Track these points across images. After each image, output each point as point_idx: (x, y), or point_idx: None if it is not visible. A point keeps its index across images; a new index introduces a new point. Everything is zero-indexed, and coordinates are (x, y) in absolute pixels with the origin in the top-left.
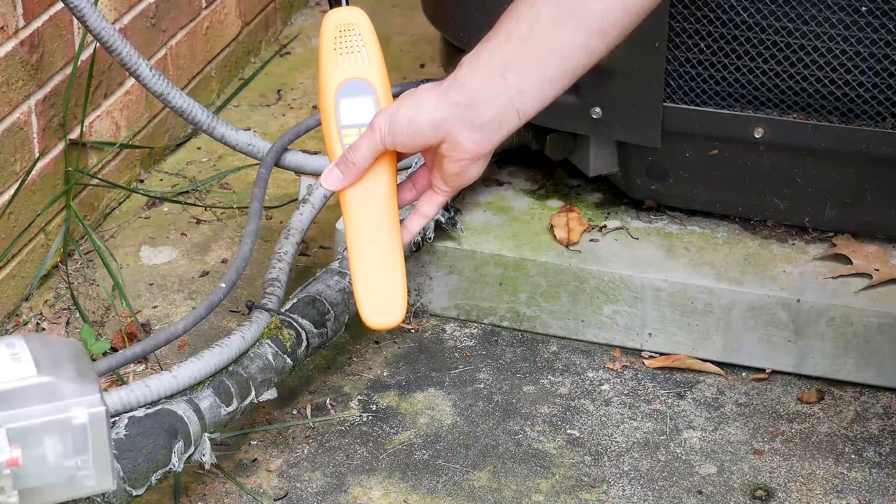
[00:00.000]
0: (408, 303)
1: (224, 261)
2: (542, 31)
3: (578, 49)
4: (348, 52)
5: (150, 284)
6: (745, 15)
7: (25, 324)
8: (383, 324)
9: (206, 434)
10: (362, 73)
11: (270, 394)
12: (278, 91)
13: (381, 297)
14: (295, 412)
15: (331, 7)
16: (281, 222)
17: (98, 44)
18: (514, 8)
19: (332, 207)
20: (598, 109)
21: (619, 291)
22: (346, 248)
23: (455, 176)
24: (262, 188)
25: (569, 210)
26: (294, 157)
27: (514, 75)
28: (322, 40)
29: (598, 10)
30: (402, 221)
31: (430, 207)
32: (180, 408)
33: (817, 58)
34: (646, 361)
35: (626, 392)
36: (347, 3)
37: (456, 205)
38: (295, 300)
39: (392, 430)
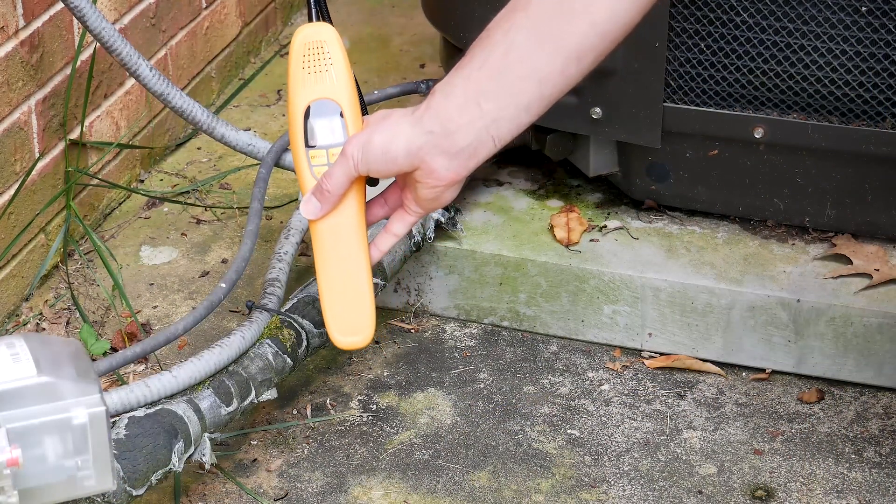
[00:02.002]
0: (376, 323)
1: (224, 261)
2: (518, 58)
3: (555, 75)
4: (317, 70)
5: (150, 284)
6: (745, 15)
7: (25, 324)
8: (352, 344)
9: (206, 434)
10: (330, 93)
11: (270, 394)
12: (278, 91)
13: (349, 318)
14: (295, 412)
15: (309, 20)
16: (281, 222)
17: (98, 44)
18: (487, 35)
19: None
20: (598, 109)
21: (619, 291)
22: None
23: (429, 200)
24: (262, 188)
25: (569, 210)
26: None
27: (490, 102)
28: (291, 58)
29: (575, 36)
30: (371, 241)
31: (400, 226)
32: (180, 408)
33: (817, 58)
34: (646, 361)
35: (626, 392)
36: (321, 19)
37: (456, 205)
38: (295, 300)
39: (392, 430)
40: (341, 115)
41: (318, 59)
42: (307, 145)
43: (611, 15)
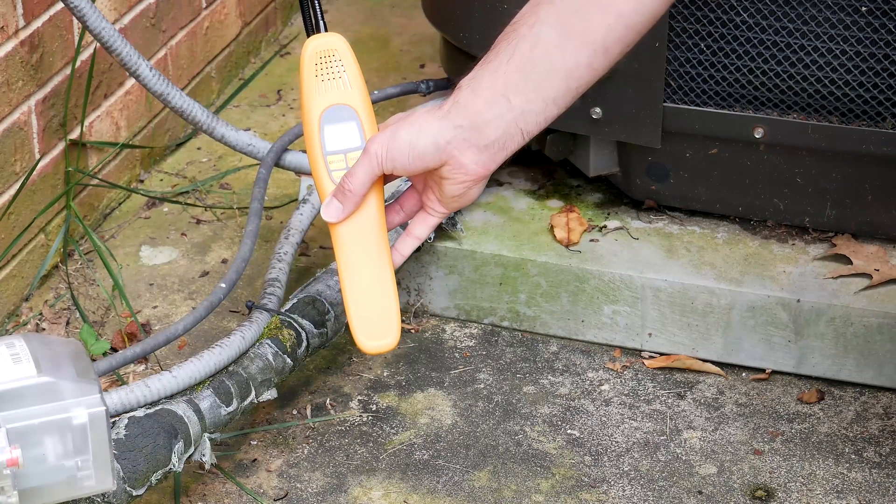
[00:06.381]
0: (401, 326)
1: (224, 261)
2: (545, 52)
3: (582, 68)
4: (330, 78)
5: (150, 284)
6: (745, 15)
7: (25, 324)
8: (378, 348)
9: (206, 434)
10: (345, 98)
11: (270, 394)
12: (278, 91)
13: (374, 322)
14: (295, 412)
15: (308, 34)
16: (281, 222)
17: (98, 44)
18: (513, 28)
19: None
20: (598, 109)
21: (619, 291)
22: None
23: (455, 198)
24: (262, 188)
25: (569, 210)
26: (294, 157)
27: (518, 96)
28: (303, 67)
29: (601, 28)
30: (392, 245)
31: (423, 229)
32: (180, 408)
33: (817, 58)
34: (646, 361)
35: (626, 392)
36: (326, 29)
37: None
38: (295, 300)
39: (392, 431)
40: (357, 119)
41: (331, 67)
42: (324, 151)
43: (636, 6)
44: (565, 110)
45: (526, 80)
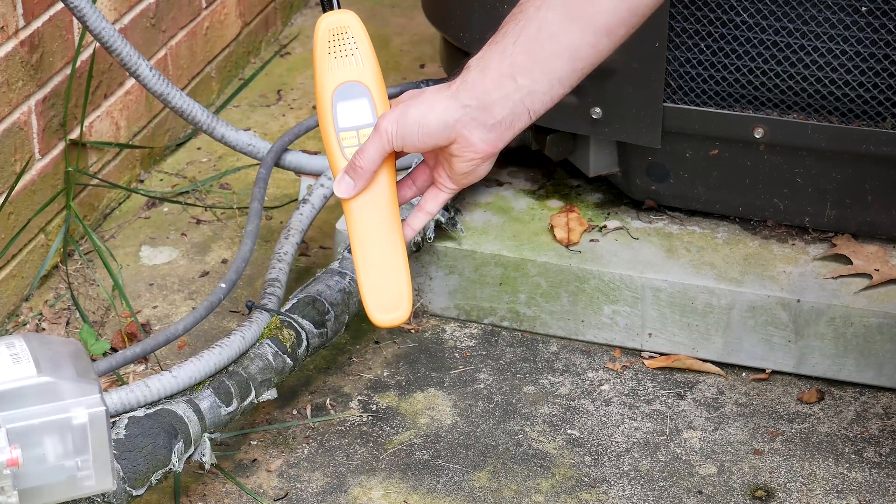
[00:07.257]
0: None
1: (224, 261)
2: (551, 33)
3: (587, 49)
4: (343, 55)
5: (150, 284)
6: (745, 15)
7: (25, 324)
8: (390, 321)
9: (206, 434)
10: (357, 75)
11: (270, 394)
12: (278, 91)
13: (386, 295)
14: (295, 412)
15: (323, 10)
16: (281, 222)
17: (98, 44)
18: (520, 10)
19: (331, 207)
20: (598, 109)
21: (619, 291)
22: (346, 248)
23: (464, 175)
24: (262, 188)
25: (569, 210)
26: (294, 157)
27: (524, 76)
28: (316, 45)
29: (606, 11)
30: (404, 219)
31: (433, 204)
32: (180, 408)
33: (817, 58)
34: (646, 362)
35: (626, 392)
36: (340, 6)
37: (456, 205)
38: (295, 300)
39: (392, 431)
40: (369, 96)
41: (343, 44)
42: (337, 128)
43: None
44: (570, 91)
45: (532, 62)
